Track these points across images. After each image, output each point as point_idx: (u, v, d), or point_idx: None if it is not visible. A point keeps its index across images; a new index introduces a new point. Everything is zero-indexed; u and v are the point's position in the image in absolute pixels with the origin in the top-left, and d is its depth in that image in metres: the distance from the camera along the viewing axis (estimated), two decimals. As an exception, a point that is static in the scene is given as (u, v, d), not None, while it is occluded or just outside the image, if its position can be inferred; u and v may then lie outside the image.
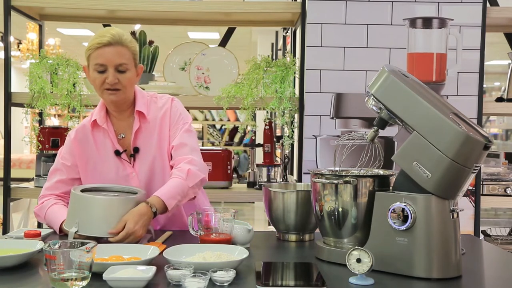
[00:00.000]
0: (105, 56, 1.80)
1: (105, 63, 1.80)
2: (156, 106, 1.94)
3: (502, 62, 9.68)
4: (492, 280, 1.49)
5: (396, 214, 1.40)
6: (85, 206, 1.70)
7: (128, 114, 1.94)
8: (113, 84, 1.81)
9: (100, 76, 1.82)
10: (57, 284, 1.21)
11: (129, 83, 1.85)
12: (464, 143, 1.35)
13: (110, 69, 1.81)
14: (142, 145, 1.91)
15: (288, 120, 2.97)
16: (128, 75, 1.84)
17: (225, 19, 3.23)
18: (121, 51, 1.81)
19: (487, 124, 9.78)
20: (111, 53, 1.80)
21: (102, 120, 1.91)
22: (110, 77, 1.80)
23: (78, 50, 12.17)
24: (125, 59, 1.82)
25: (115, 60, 1.80)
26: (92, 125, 1.93)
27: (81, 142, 1.93)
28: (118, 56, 1.81)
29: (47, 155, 2.99)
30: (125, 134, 1.94)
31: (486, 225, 3.33)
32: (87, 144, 1.93)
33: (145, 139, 1.92)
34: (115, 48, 1.80)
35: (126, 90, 1.85)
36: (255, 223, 6.93)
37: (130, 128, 1.92)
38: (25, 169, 6.48)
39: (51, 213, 1.89)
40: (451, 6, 2.79)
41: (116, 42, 1.81)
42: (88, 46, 1.84)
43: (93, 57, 1.82)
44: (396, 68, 1.51)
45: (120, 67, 1.81)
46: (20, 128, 4.26)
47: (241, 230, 1.69)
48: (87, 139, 1.93)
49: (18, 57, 9.29)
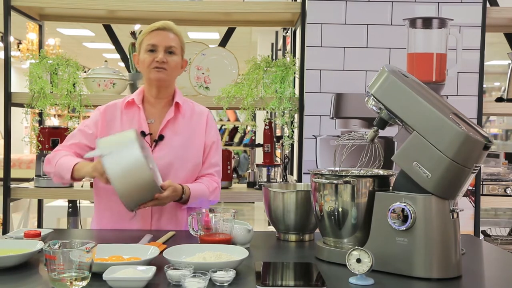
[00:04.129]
0: (157, 38, 1.96)
1: (156, 43, 1.96)
2: (191, 108, 2.08)
3: (502, 62, 9.67)
4: (492, 280, 1.49)
5: (396, 214, 1.40)
6: (131, 162, 1.70)
7: (163, 104, 2.04)
8: (161, 63, 1.95)
9: (150, 55, 1.96)
10: (57, 284, 1.21)
11: (175, 66, 1.99)
12: (464, 143, 1.35)
13: (160, 49, 1.96)
14: (168, 135, 2.00)
15: (288, 120, 2.97)
16: (175, 58, 1.99)
17: (225, 19, 3.23)
18: (171, 36, 1.99)
19: (487, 124, 9.77)
20: (162, 35, 1.97)
21: (138, 101, 2.03)
22: (159, 55, 1.95)
23: (78, 50, 12.19)
24: (175, 43, 1.99)
25: (166, 42, 1.97)
26: (126, 104, 2.03)
27: (109, 118, 2.02)
28: (168, 39, 1.97)
29: (47, 155, 2.98)
30: (155, 121, 2.03)
31: (486, 225, 3.33)
32: (113, 121, 2.02)
33: (173, 131, 2.01)
34: (166, 32, 1.98)
35: (171, 72, 1.99)
36: (255, 223, 6.93)
37: (161, 118, 2.02)
38: (25, 169, 6.47)
39: (65, 160, 1.94)
40: (451, 6, 2.79)
41: (169, 27, 1.99)
42: (141, 33, 2.01)
43: (146, 39, 1.98)
44: (396, 68, 1.51)
45: (169, 49, 1.97)
46: (20, 128, 4.26)
47: (241, 230, 1.69)
48: (114, 117, 2.02)
49: (18, 57, 9.29)
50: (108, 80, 2.98)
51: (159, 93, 2.02)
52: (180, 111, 2.03)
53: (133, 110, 2.02)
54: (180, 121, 2.02)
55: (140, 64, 2.00)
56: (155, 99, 2.03)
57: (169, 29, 1.99)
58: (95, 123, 2.01)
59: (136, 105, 2.02)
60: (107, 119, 2.02)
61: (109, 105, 2.05)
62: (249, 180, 3.19)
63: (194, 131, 2.03)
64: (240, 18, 3.19)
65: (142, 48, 1.98)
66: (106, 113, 2.03)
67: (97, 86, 2.99)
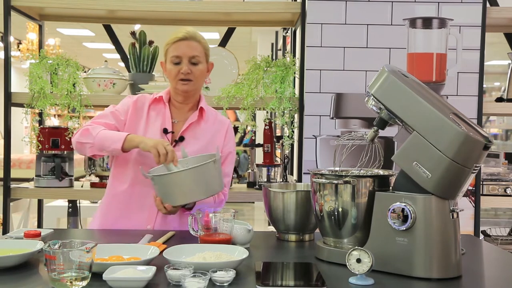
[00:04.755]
0: (180, 49, 1.99)
1: (180, 55, 1.99)
2: (214, 115, 2.13)
3: (502, 62, 9.67)
4: (492, 280, 1.49)
5: (396, 214, 1.40)
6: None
7: (188, 108, 2.10)
8: (186, 74, 1.99)
9: (175, 68, 2.00)
10: (57, 284, 1.21)
11: (200, 75, 2.03)
12: (464, 143, 1.35)
13: (184, 60, 1.99)
14: (188, 137, 2.04)
15: (288, 120, 2.97)
16: (200, 67, 2.02)
17: (225, 19, 3.23)
18: (194, 45, 2.01)
19: (487, 124, 9.77)
20: (185, 46, 2.00)
21: (166, 100, 2.08)
22: (184, 67, 1.99)
23: (78, 50, 12.19)
24: (198, 52, 2.01)
25: (189, 52, 1.99)
26: (153, 100, 2.08)
27: (139, 107, 2.07)
28: (191, 49, 2.00)
29: (47, 155, 2.99)
30: (178, 122, 2.08)
31: (486, 225, 3.33)
32: (141, 112, 2.06)
33: (194, 134, 2.06)
34: (189, 42, 2.00)
35: (197, 81, 2.03)
36: (255, 223, 6.93)
37: (184, 120, 2.07)
38: (25, 169, 6.46)
39: (109, 132, 1.95)
40: (451, 6, 2.79)
41: (191, 37, 2.00)
42: (166, 42, 2.03)
43: (170, 50, 2.01)
44: (396, 68, 1.51)
45: (193, 59, 2.00)
46: (20, 128, 4.26)
47: (241, 230, 1.69)
48: (143, 108, 2.07)
49: (18, 57, 9.29)
50: (108, 80, 2.98)
51: (185, 99, 2.08)
52: (203, 117, 2.09)
53: (160, 106, 2.08)
54: (202, 126, 2.08)
55: (167, 74, 2.05)
56: (180, 104, 2.09)
57: (192, 38, 2.00)
58: (126, 111, 2.06)
59: (163, 102, 2.08)
60: (137, 108, 2.07)
61: (139, 96, 2.11)
62: (249, 180, 3.19)
63: (213, 138, 2.07)
64: (240, 18, 3.19)
65: (168, 59, 2.02)
66: (137, 103, 2.08)
67: (97, 86, 2.99)
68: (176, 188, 1.80)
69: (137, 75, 3.12)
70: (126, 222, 2.00)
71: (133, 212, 2.01)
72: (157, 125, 2.05)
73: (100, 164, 3.00)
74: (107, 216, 2.06)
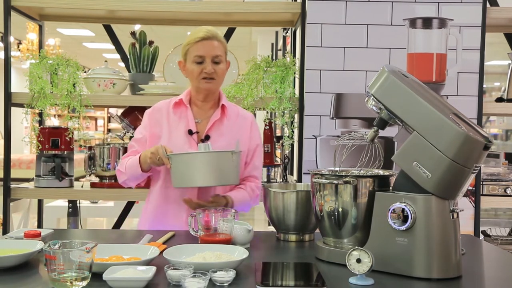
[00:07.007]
0: (203, 49, 2.01)
1: (203, 54, 2.01)
2: (236, 111, 2.15)
3: (502, 62, 9.66)
4: (492, 280, 1.49)
5: (396, 214, 1.40)
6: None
7: (209, 106, 2.12)
8: (210, 74, 2.01)
9: (198, 67, 2.02)
10: (57, 284, 1.21)
11: (222, 73, 2.07)
12: (464, 143, 1.35)
13: (207, 59, 2.01)
14: (214, 135, 2.07)
15: (288, 120, 2.96)
16: (221, 66, 2.05)
17: (225, 19, 3.22)
18: (216, 45, 2.03)
19: (487, 124, 9.77)
20: (208, 45, 2.01)
21: (186, 101, 2.11)
22: (208, 66, 2.01)
23: (78, 50, 12.19)
24: (220, 51, 2.03)
25: (212, 52, 2.01)
26: (174, 104, 2.11)
27: (157, 117, 2.11)
28: (214, 49, 2.02)
29: (47, 155, 2.99)
30: (201, 121, 2.10)
31: (486, 225, 3.33)
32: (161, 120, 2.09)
33: (219, 132, 2.08)
34: (211, 42, 2.02)
35: (219, 80, 2.06)
36: (255, 223, 6.92)
37: (207, 118, 2.09)
38: (25, 169, 6.46)
39: (129, 161, 2.05)
40: (451, 6, 2.79)
41: (213, 36, 2.02)
42: (186, 42, 2.05)
43: (192, 50, 2.02)
44: (396, 68, 1.51)
45: (216, 59, 2.02)
46: (20, 128, 4.26)
47: (241, 230, 1.69)
48: (161, 116, 2.10)
49: (18, 57, 9.29)
50: (108, 80, 2.98)
51: (207, 98, 2.10)
52: (225, 114, 2.11)
53: (181, 109, 2.10)
54: (225, 123, 2.10)
55: (188, 73, 2.06)
56: (202, 102, 2.11)
57: (213, 37, 2.02)
58: (145, 126, 2.11)
59: (184, 104, 2.10)
60: (155, 118, 2.10)
61: (155, 106, 2.15)
62: (249, 180, 3.18)
63: (238, 133, 2.09)
64: (240, 18, 3.19)
65: (189, 59, 2.04)
66: (153, 113, 2.12)
67: (97, 86, 2.99)
68: (188, 169, 1.84)
69: (137, 75, 3.12)
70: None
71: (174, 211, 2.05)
72: (181, 128, 2.07)
73: (100, 164, 3.00)
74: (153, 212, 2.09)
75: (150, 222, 2.07)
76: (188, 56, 2.04)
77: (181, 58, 2.09)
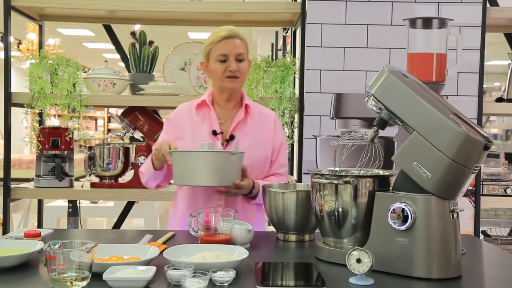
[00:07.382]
0: (226, 47, 2.01)
1: (227, 53, 2.01)
2: (259, 110, 2.14)
3: (502, 62, 9.67)
4: (492, 280, 1.49)
5: (396, 214, 1.40)
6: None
7: (232, 106, 2.12)
8: (234, 72, 2.01)
9: (222, 65, 2.02)
10: (57, 284, 1.21)
11: (245, 72, 2.08)
12: (464, 143, 1.35)
13: (231, 58, 2.01)
14: (238, 134, 2.06)
15: (288, 120, 2.97)
16: (244, 64, 2.05)
17: (225, 19, 3.22)
18: (238, 43, 2.03)
19: (487, 124, 9.77)
20: (231, 44, 2.02)
21: (209, 102, 2.11)
22: (232, 65, 2.01)
23: (78, 50, 12.19)
24: (243, 49, 2.04)
25: (236, 50, 2.02)
26: (197, 106, 2.11)
27: (178, 120, 2.11)
28: (237, 47, 2.02)
29: (47, 155, 2.99)
30: (225, 121, 2.10)
31: (486, 225, 3.33)
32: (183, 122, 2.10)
33: (243, 132, 2.08)
34: (234, 40, 2.03)
35: (243, 78, 2.07)
36: (255, 223, 6.90)
37: (231, 118, 2.10)
38: (25, 169, 6.46)
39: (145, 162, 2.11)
40: (451, 6, 2.79)
41: (235, 34, 2.03)
42: (208, 42, 2.06)
43: (215, 49, 2.03)
44: (396, 68, 1.51)
45: (239, 57, 2.03)
46: (20, 128, 4.26)
47: (241, 230, 1.69)
48: (183, 119, 2.11)
49: (18, 57, 9.29)
50: (108, 80, 2.98)
51: (230, 97, 2.10)
52: (249, 113, 2.10)
53: (204, 110, 2.10)
54: (249, 123, 2.10)
55: (212, 73, 2.06)
56: (225, 102, 2.11)
57: (236, 35, 2.03)
58: (166, 132, 2.13)
59: (207, 105, 2.10)
60: (176, 122, 2.11)
61: (176, 110, 2.16)
62: (249, 180, 3.18)
63: (262, 132, 2.09)
64: (240, 18, 3.19)
65: (212, 58, 2.04)
66: (174, 118, 2.13)
67: (97, 86, 2.99)
68: (188, 167, 1.84)
69: (137, 75, 3.12)
70: None
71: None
72: (205, 129, 2.06)
73: (100, 164, 3.00)
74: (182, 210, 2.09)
75: (182, 225, 2.04)
76: (211, 55, 2.04)
77: (203, 58, 2.09)
